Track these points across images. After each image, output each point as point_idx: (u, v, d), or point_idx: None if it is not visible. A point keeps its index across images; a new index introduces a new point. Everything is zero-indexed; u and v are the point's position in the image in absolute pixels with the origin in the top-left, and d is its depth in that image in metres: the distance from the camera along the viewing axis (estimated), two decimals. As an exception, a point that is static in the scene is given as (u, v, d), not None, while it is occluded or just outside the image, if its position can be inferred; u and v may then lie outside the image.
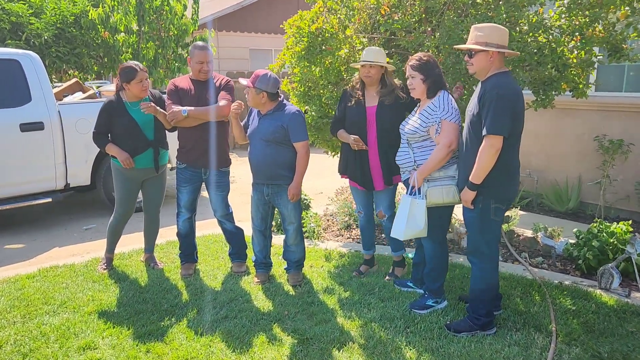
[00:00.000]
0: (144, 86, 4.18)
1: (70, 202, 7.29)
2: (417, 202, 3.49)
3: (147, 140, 4.29)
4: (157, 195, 4.56)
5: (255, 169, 4.01)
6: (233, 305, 3.84)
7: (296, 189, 3.94)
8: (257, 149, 3.94)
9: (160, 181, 4.54)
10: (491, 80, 3.15)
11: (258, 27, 15.47)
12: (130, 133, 4.23)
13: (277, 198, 4.04)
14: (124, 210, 4.46)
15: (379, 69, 3.88)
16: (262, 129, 3.91)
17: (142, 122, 4.25)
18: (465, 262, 4.62)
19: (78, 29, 8.81)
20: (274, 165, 3.92)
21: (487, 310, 3.40)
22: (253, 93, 3.85)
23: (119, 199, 4.43)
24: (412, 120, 3.64)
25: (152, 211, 4.61)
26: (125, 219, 4.52)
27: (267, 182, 4.00)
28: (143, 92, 4.20)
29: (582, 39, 3.79)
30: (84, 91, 7.03)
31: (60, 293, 4.06)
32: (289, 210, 4.07)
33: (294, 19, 4.34)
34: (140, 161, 4.29)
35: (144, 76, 4.18)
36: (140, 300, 3.93)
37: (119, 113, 4.21)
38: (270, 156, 3.90)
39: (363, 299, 3.91)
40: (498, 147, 3.07)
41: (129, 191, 4.41)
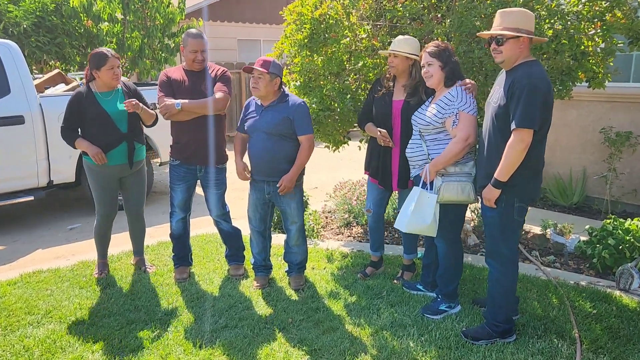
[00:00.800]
0: (115, 74, 3.84)
1: (54, 200, 6.94)
2: (427, 196, 3.26)
3: (120, 134, 3.94)
4: (137, 193, 4.22)
5: (256, 164, 3.74)
6: (233, 312, 3.57)
7: (289, 182, 3.65)
8: (259, 142, 3.67)
9: (139, 178, 4.20)
10: (521, 69, 2.90)
11: (246, 16, 15.08)
12: (101, 126, 3.88)
13: (279, 196, 3.77)
14: (105, 211, 4.12)
15: (405, 59, 3.60)
16: (266, 121, 3.65)
17: (115, 113, 3.90)
18: (475, 262, 4.40)
19: (59, 17, 8.42)
20: (276, 159, 3.67)
21: (506, 316, 3.18)
22: (267, 79, 3.58)
23: (98, 200, 4.09)
24: (426, 111, 3.39)
25: (134, 211, 4.28)
26: (109, 220, 4.19)
27: (268, 179, 3.74)
28: (114, 80, 3.85)
29: (603, 25, 3.56)
30: (66, 83, 6.66)
31: (44, 301, 3.76)
32: (292, 209, 3.82)
33: (295, 4, 4.05)
34: (113, 157, 3.94)
35: (115, 63, 3.83)
36: (132, 308, 3.65)
37: (89, 105, 3.85)
38: (273, 150, 3.65)
39: (371, 304, 3.67)
40: (528, 142, 2.84)
41: (107, 190, 4.06)
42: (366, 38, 4.11)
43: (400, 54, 3.54)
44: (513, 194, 2.99)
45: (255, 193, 3.84)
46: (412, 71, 3.62)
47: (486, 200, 3.05)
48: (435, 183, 3.27)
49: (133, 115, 3.97)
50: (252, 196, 3.87)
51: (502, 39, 2.94)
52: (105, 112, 3.87)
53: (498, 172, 2.94)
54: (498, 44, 2.96)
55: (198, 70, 3.93)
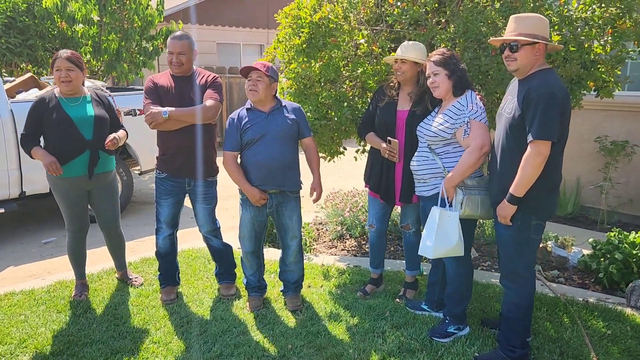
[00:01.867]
0: (61, 77, 3.53)
1: (25, 212, 6.54)
2: (448, 215, 3.04)
3: (84, 141, 3.62)
4: (108, 207, 3.90)
5: (266, 173, 3.43)
6: (227, 338, 3.30)
7: (320, 187, 3.62)
8: (271, 148, 3.40)
9: (109, 191, 3.88)
10: (537, 78, 2.72)
11: (225, 20, 14.76)
12: (63, 132, 3.57)
13: (283, 208, 3.54)
14: (74, 227, 3.81)
15: (413, 65, 3.39)
16: (277, 125, 3.42)
17: (78, 119, 3.60)
18: (478, 278, 4.21)
19: (31, 18, 8.02)
20: (289, 167, 3.47)
21: (522, 340, 2.99)
22: (267, 83, 3.37)
23: (66, 215, 3.78)
24: (434, 121, 3.19)
25: (108, 226, 3.97)
26: (81, 236, 3.87)
27: (274, 190, 3.49)
28: (62, 84, 3.56)
29: (614, 32, 3.41)
30: (40, 87, 6.29)
31: (18, 328, 3.43)
32: (294, 222, 3.59)
33: (291, 7, 3.81)
34: (74, 168, 3.63)
35: (63, 64, 3.52)
36: (116, 335, 3.35)
37: (51, 110, 3.58)
38: (288, 156, 3.45)
39: (375, 326, 3.44)
40: (546, 155, 2.65)
41: (74, 204, 3.73)
42: (365, 43, 3.89)
43: (409, 60, 3.34)
44: (529, 211, 2.81)
45: (253, 210, 3.54)
46: (420, 78, 3.41)
47: (501, 217, 2.85)
48: (457, 198, 3.06)
49: (101, 122, 3.68)
50: (248, 214, 3.56)
51: (517, 46, 2.76)
52: (68, 117, 3.57)
53: (514, 188, 2.74)
54: (512, 51, 2.78)
55: (179, 75, 3.65)
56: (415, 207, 3.70)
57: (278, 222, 3.61)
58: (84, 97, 3.70)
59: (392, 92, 3.55)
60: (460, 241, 3.05)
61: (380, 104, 3.59)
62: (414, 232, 3.80)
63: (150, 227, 5.85)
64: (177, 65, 3.59)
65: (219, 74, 11.50)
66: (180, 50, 3.57)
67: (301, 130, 3.54)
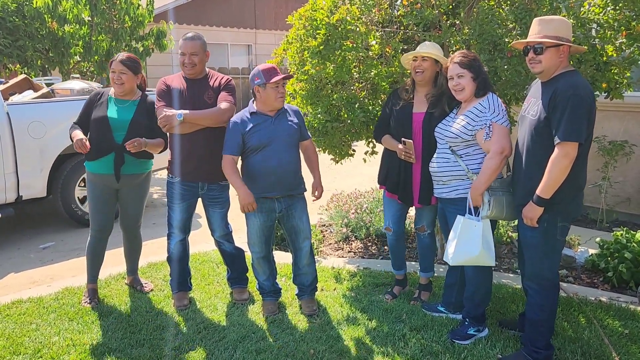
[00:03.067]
0: (113, 79, 3.66)
1: (22, 216, 6.39)
2: (474, 224, 3.03)
3: (113, 143, 3.65)
4: (133, 208, 3.90)
5: (276, 179, 3.39)
6: (247, 344, 3.26)
7: (321, 186, 3.66)
8: (280, 153, 3.38)
9: (137, 192, 3.88)
10: (562, 80, 2.73)
11: (213, 20, 14.65)
12: (98, 130, 3.67)
13: (293, 210, 3.53)
14: (97, 225, 3.79)
15: (434, 64, 3.38)
16: (284, 129, 3.42)
17: (115, 121, 3.64)
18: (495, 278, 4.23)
19: (21, 18, 7.83)
20: (296, 170, 3.51)
21: (546, 341, 3.00)
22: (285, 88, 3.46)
23: (91, 212, 3.81)
24: (455, 123, 3.19)
25: (129, 227, 3.96)
26: (102, 236, 3.83)
27: (284, 195, 3.46)
28: (115, 84, 3.68)
29: (629, 34, 3.45)
30: (35, 89, 6.15)
31: (30, 338, 3.34)
32: (304, 223, 3.58)
33: (305, 8, 3.77)
34: (100, 165, 3.69)
35: (117, 67, 3.64)
36: (133, 342, 3.28)
37: (98, 106, 3.73)
38: (294, 160, 3.47)
39: (394, 330, 3.43)
40: (573, 156, 2.67)
41: (100, 201, 3.76)
42: (377, 45, 3.88)
43: (431, 57, 3.33)
44: (556, 213, 2.82)
45: (262, 216, 3.48)
46: (439, 78, 3.40)
47: (527, 219, 2.86)
48: (483, 200, 3.06)
49: (137, 128, 3.67)
50: (257, 220, 3.49)
51: (542, 48, 2.77)
52: (105, 117, 3.65)
53: (541, 189, 2.75)
54: (536, 53, 2.79)
55: (192, 76, 3.60)
56: (431, 209, 3.70)
57: (288, 225, 3.57)
58: (133, 101, 3.73)
59: (407, 96, 3.54)
60: (485, 250, 3.04)
61: (395, 107, 3.58)
62: (429, 234, 3.79)
63: (152, 229, 5.76)
64: (189, 66, 3.53)
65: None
66: (193, 51, 3.52)
67: (302, 134, 3.56)
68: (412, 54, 3.43)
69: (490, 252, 3.07)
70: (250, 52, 15.76)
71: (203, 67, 3.62)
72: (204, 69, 3.63)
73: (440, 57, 3.35)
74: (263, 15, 15.71)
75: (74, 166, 5.69)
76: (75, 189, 5.77)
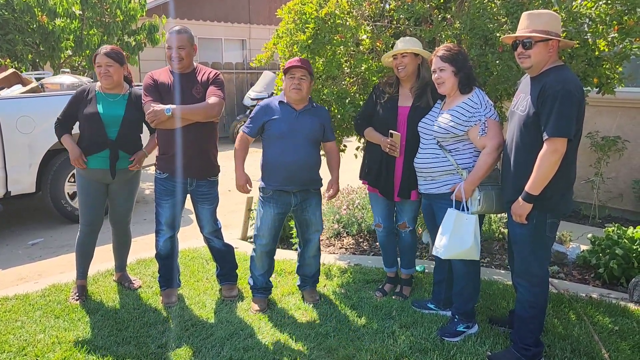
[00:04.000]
0: (101, 72, 3.58)
1: (10, 212, 6.32)
2: (465, 217, 3.01)
3: (106, 140, 3.62)
4: (123, 203, 3.86)
5: (293, 173, 3.42)
6: (235, 342, 3.22)
7: (337, 185, 3.69)
8: (299, 149, 3.40)
9: (128, 187, 3.85)
10: (552, 74, 2.70)
11: (206, 14, 14.53)
12: (90, 127, 3.63)
13: (307, 205, 3.56)
14: (87, 220, 3.74)
15: (414, 58, 3.36)
16: (306, 126, 3.42)
17: (107, 117, 3.60)
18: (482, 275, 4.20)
19: (10, 11, 7.73)
20: (313, 167, 3.51)
21: (535, 338, 2.98)
22: (309, 82, 3.41)
23: (81, 207, 3.76)
24: (441, 118, 3.15)
25: (119, 223, 3.92)
26: (92, 231, 3.79)
27: (298, 190, 3.48)
28: (102, 78, 3.59)
29: (621, 29, 3.42)
30: (24, 84, 6.08)
31: (15, 335, 3.29)
32: (317, 217, 3.63)
33: (295, 2, 3.73)
34: (93, 161, 3.65)
35: (103, 60, 3.56)
36: (119, 340, 3.24)
37: (87, 102, 3.65)
38: (313, 157, 3.48)
39: (384, 326, 3.40)
40: (562, 152, 2.64)
41: (90, 196, 3.72)
42: (368, 39, 3.84)
43: (409, 52, 3.30)
44: (545, 209, 2.79)
45: (276, 207, 3.52)
46: (421, 71, 3.38)
47: (516, 216, 2.83)
48: (473, 195, 3.04)
49: (129, 124, 3.66)
50: (270, 211, 3.53)
51: (530, 43, 2.73)
52: (97, 113, 3.59)
53: (530, 185, 2.73)
54: (525, 48, 2.76)
55: (179, 71, 3.54)
56: (412, 205, 3.67)
57: (301, 218, 3.62)
58: (122, 96, 3.68)
59: (390, 90, 3.51)
60: (474, 244, 3.03)
61: (380, 100, 3.54)
62: (410, 232, 3.77)
63: (142, 225, 5.72)
64: (177, 60, 3.47)
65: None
66: (180, 44, 3.46)
67: (326, 134, 3.56)
68: (390, 53, 3.42)
69: (477, 246, 3.06)
70: (244, 47, 15.66)
71: (190, 61, 3.57)
72: (191, 62, 3.58)
73: (418, 50, 3.33)
74: (257, 9, 15.60)
75: (63, 162, 5.63)
76: (65, 184, 5.72)
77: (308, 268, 3.76)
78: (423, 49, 3.41)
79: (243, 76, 12.84)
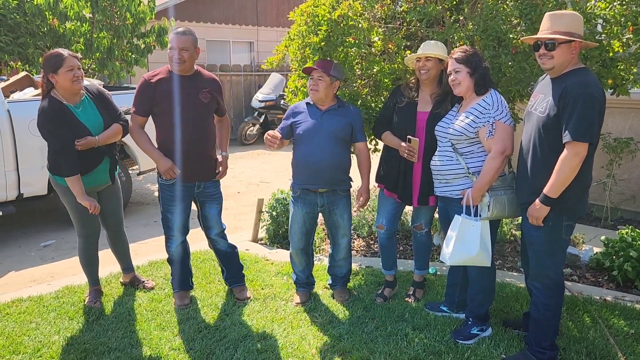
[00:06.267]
0: (75, 76, 3.30)
1: (21, 214, 6.36)
2: (472, 224, 3.00)
3: (101, 149, 3.55)
4: (114, 207, 3.83)
5: (315, 172, 3.46)
6: (248, 344, 3.22)
7: (368, 193, 3.68)
8: (323, 148, 3.43)
9: (116, 189, 3.82)
10: (573, 77, 2.69)
11: (214, 17, 14.58)
12: None
13: (335, 207, 3.58)
14: (87, 231, 3.67)
15: (438, 63, 3.34)
16: (330, 124, 3.44)
17: (93, 125, 3.48)
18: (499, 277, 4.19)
19: (22, 15, 7.79)
20: (338, 167, 3.50)
21: (551, 341, 2.96)
22: (327, 82, 3.42)
23: (78, 220, 3.62)
24: (457, 120, 3.14)
25: (115, 225, 3.89)
26: (93, 241, 3.74)
27: (325, 189, 3.50)
28: (75, 83, 3.31)
29: (636, 29, 3.40)
30: (35, 87, 6.12)
31: (30, 337, 3.31)
32: (345, 220, 3.65)
33: (307, 4, 3.73)
34: (96, 177, 3.57)
35: (74, 63, 3.30)
36: (133, 342, 3.25)
37: (67, 120, 3.35)
38: (338, 156, 3.48)
39: (397, 329, 3.39)
40: (583, 156, 2.62)
41: (85, 211, 3.54)
42: (380, 41, 3.83)
43: (434, 56, 3.29)
44: (561, 212, 2.78)
45: (305, 207, 3.58)
46: (443, 77, 3.36)
47: (533, 218, 2.82)
48: (483, 201, 3.02)
49: (110, 124, 3.59)
50: (299, 211, 3.60)
51: (553, 44, 2.72)
52: (85, 128, 3.43)
53: (549, 188, 2.71)
54: (548, 49, 2.74)
55: (181, 73, 3.47)
56: (429, 208, 3.67)
57: (329, 220, 3.66)
58: (82, 100, 3.48)
59: (411, 94, 3.49)
60: (483, 251, 3.01)
61: (399, 104, 3.53)
62: (426, 233, 3.77)
63: (152, 227, 5.74)
64: (178, 61, 3.42)
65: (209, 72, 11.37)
66: (183, 45, 3.42)
67: (354, 134, 3.55)
68: (415, 55, 3.40)
69: (487, 253, 3.04)
70: (252, 49, 15.69)
71: (192, 63, 3.51)
72: (193, 65, 3.54)
73: (444, 56, 3.30)
74: (265, 11, 15.64)
75: (74, 164, 5.65)
76: (76, 186, 5.73)
77: (339, 269, 3.82)
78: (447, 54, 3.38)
79: (251, 78, 12.87)
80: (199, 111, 3.51)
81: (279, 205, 5.05)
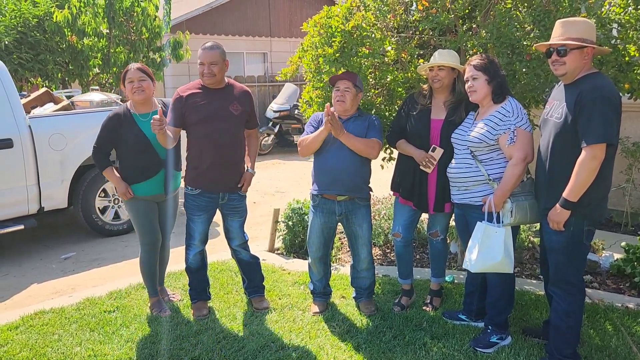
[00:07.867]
0: (134, 87, 3.48)
1: (43, 227, 6.46)
2: (495, 231, 2.99)
3: (159, 160, 3.62)
4: (171, 219, 3.91)
5: (334, 179, 3.47)
6: (266, 354, 3.24)
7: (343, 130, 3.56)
8: (342, 155, 3.44)
9: (174, 204, 3.90)
10: (587, 82, 2.69)
11: (228, 29, 14.76)
12: (140, 151, 3.57)
13: (353, 216, 3.57)
14: (149, 239, 3.73)
15: (451, 71, 3.36)
16: (352, 131, 3.44)
17: (154, 138, 3.52)
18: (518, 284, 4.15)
19: (42, 32, 7.97)
20: (357, 173, 3.50)
21: (573, 349, 2.93)
22: (354, 93, 3.45)
23: (141, 229, 3.71)
24: (476, 128, 3.14)
25: (164, 239, 3.94)
26: (155, 249, 3.79)
27: (344, 196, 3.50)
28: (135, 94, 3.49)
29: (652, 33, 3.38)
30: (55, 102, 6.24)
31: (53, 348, 3.36)
32: (365, 230, 3.62)
33: (320, 16, 3.77)
34: (149, 187, 3.63)
35: (136, 75, 3.48)
36: (153, 352, 3.28)
37: (128, 127, 3.55)
38: (356, 164, 3.47)
39: (415, 338, 3.38)
40: (601, 158, 2.62)
41: (148, 219, 3.68)
42: (393, 51, 3.85)
43: (447, 66, 3.30)
44: (582, 217, 2.76)
45: (323, 217, 3.59)
46: (457, 85, 3.37)
47: (554, 223, 2.80)
48: (505, 207, 3.02)
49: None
50: (318, 220, 3.61)
51: (565, 50, 2.72)
52: (144, 136, 3.55)
53: (568, 192, 2.69)
54: (560, 55, 2.74)
55: (210, 86, 3.55)
56: (445, 215, 3.66)
57: (348, 230, 3.66)
58: (154, 112, 3.57)
59: (425, 101, 3.50)
60: (506, 258, 3.00)
61: (413, 112, 3.54)
62: (442, 240, 3.76)
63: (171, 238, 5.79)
64: (209, 76, 3.50)
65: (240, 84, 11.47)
66: (212, 60, 3.48)
67: (368, 133, 3.51)
68: (427, 65, 3.41)
69: (510, 259, 3.02)
70: (265, 60, 15.83)
71: (222, 76, 3.59)
72: (223, 78, 3.61)
73: (456, 65, 3.31)
74: (278, 23, 15.79)
75: (94, 177, 5.75)
76: (96, 199, 5.83)
77: (362, 281, 3.80)
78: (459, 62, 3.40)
79: (265, 89, 12.98)
80: (229, 123, 3.56)
81: (295, 215, 5.07)
